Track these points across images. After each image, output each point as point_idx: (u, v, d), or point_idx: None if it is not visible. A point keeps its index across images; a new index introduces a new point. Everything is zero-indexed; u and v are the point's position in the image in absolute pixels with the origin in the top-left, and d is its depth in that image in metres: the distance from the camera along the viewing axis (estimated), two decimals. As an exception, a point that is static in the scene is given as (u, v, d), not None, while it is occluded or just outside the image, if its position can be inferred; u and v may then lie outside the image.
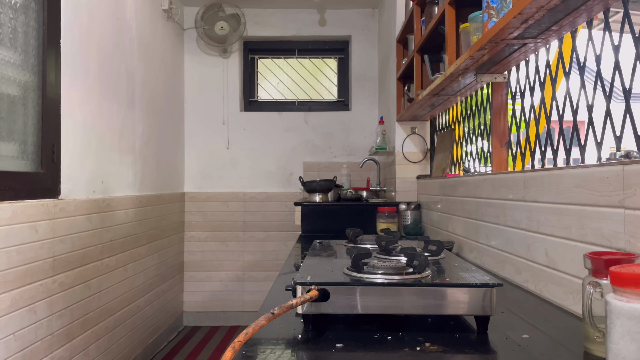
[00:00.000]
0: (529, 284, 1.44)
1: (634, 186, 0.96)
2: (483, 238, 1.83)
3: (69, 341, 2.19)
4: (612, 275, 0.67)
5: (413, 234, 2.74)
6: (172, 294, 3.79)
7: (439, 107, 2.65)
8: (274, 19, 4.19)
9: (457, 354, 0.88)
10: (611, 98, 1.26)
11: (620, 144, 1.21)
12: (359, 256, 1.07)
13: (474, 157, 2.41)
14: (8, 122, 1.90)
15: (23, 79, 1.98)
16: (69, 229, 2.20)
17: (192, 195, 4.13)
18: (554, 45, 1.52)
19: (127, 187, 2.93)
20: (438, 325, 1.04)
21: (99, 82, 2.56)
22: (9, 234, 1.78)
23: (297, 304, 0.94)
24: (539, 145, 1.67)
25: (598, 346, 0.85)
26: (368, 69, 4.19)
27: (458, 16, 1.82)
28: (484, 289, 0.97)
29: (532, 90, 1.73)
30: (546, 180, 1.32)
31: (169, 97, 3.77)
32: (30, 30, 2.02)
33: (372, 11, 4.20)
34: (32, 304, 1.92)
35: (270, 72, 4.37)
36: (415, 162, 3.16)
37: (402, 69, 2.90)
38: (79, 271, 2.29)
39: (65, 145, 2.20)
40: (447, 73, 1.86)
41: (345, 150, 4.19)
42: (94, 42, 2.50)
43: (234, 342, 0.79)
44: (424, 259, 1.05)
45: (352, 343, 0.93)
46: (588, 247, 1.11)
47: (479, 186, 1.88)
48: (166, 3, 3.54)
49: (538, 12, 1.18)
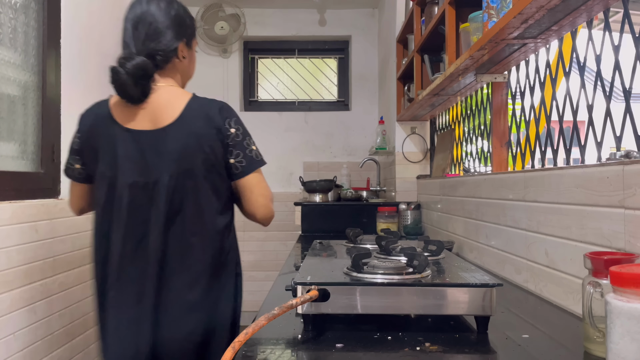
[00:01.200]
0: (529, 284, 1.44)
1: (634, 186, 0.96)
2: (483, 238, 1.83)
3: (69, 341, 2.19)
4: (612, 275, 0.67)
5: (413, 234, 2.74)
6: (172, 294, 3.78)
7: (439, 107, 2.65)
8: (274, 19, 4.19)
9: (457, 354, 0.88)
10: (611, 98, 1.26)
11: (620, 144, 1.21)
12: (359, 256, 1.07)
13: (474, 157, 2.41)
14: (8, 122, 1.90)
15: (23, 79, 1.98)
16: (69, 229, 2.20)
17: (192, 195, 4.13)
18: (554, 45, 1.52)
19: (127, 187, 2.92)
20: (438, 325, 1.04)
21: (99, 82, 2.56)
22: (9, 234, 1.78)
23: (297, 304, 0.94)
24: (539, 145, 1.67)
25: (598, 346, 0.85)
26: (368, 69, 4.19)
27: (458, 16, 1.82)
28: (484, 289, 0.97)
29: (532, 90, 1.73)
30: (546, 180, 1.32)
31: (169, 97, 3.76)
32: (30, 30, 2.02)
33: (372, 11, 4.20)
34: (32, 304, 1.92)
35: (270, 72, 4.37)
36: (415, 162, 3.16)
37: (402, 69, 2.90)
38: (79, 271, 2.29)
39: (65, 145, 2.20)
40: (447, 73, 1.86)
41: (345, 150, 4.19)
42: (94, 42, 2.50)
43: (234, 342, 0.79)
44: (424, 259, 1.05)
45: (352, 343, 0.93)
46: (588, 247, 1.11)
47: (479, 186, 1.88)
48: (166, 3, 3.54)
49: (538, 12, 1.18)
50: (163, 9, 1.42)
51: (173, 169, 1.33)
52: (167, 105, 1.37)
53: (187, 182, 1.34)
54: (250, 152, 1.41)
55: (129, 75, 1.33)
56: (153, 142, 1.35)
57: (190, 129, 1.35)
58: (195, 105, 1.39)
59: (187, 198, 1.34)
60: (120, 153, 1.36)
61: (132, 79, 1.34)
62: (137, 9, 1.43)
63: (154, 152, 1.35)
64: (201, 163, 1.35)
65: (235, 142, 1.39)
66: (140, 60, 1.35)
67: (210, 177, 1.37)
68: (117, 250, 1.34)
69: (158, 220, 1.33)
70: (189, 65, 1.51)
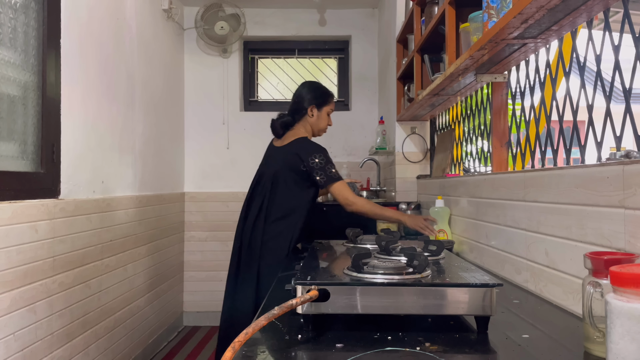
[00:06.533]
0: (529, 284, 1.44)
1: (634, 186, 0.96)
2: (483, 238, 1.83)
3: (69, 341, 2.19)
4: (612, 275, 0.67)
5: (413, 233, 2.73)
6: (172, 294, 3.79)
7: (439, 107, 2.65)
8: (274, 19, 4.19)
9: (457, 354, 0.88)
10: (611, 98, 1.26)
11: (620, 144, 1.21)
12: (359, 256, 1.07)
13: (474, 157, 2.41)
14: (8, 122, 1.90)
15: (23, 79, 1.98)
16: (69, 229, 2.20)
17: (192, 195, 4.13)
18: (554, 45, 1.52)
19: (127, 187, 2.93)
20: (438, 325, 1.04)
21: (99, 82, 2.56)
22: (9, 234, 1.78)
23: (297, 304, 0.94)
24: (539, 145, 1.67)
25: (598, 346, 0.85)
26: (368, 69, 4.19)
27: (458, 16, 1.81)
28: (484, 289, 0.97)
29: (532, 90, 1.73)
30: (546, 180, 1.32)
31: (169, 97, 3.77)
32: (30, 30, 2.02)
33: (372, 11, 4.20)
34: (32, 304, 1.92)
35: (270, 72, 4.37)
36: (415, 162, 3.16)
37: (402, 69, 2.90)
38: (79, 271, 2.29)
39: (65, 145, 2.20)
40: (447, 73, 1.86)
41: (345, 150, 4.18)
42: (93, 42, 2.50)
43: (234, 342, 0.79)
44: (424, 259, 1.05)
45: (352, 343, 0.93)
46: (588, 247, 1.11)
47: (479, 186, 1.88)
48: (166, 3, 3.54)
49: (538, 12, 1.18)
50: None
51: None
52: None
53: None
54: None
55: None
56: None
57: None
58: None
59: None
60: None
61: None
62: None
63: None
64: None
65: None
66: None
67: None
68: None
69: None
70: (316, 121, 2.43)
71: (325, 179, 2.22)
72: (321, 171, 2.22)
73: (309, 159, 2.21)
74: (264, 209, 2.24)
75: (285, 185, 2.24)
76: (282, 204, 2.23)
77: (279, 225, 2.21)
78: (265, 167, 2.35)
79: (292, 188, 2.25)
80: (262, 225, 2.22)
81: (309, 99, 2.39)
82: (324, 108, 2.42)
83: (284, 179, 2.24)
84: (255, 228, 2.24)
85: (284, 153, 2.29)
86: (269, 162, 2.37)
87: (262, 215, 2.23)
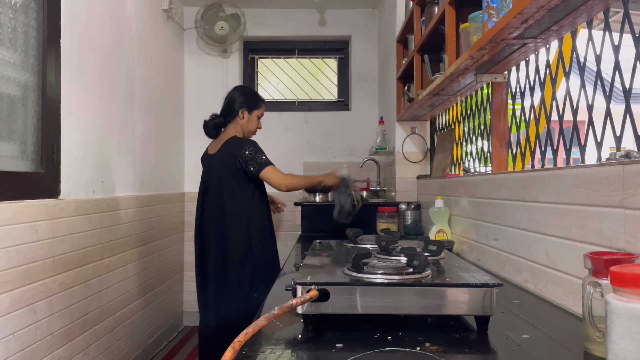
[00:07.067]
0: (529, 284, 1.44)
1: (634, 186, 0.96)
2: (483, 238, 1.83)
3: (69, 341, 2.19)
4: (612, 275, 0.67)
5: (413, 234, 2.74)
6: (172, 294, 3.79)
7: (439, 107, 2.65)
8: (274, 19, 4.19)
9: (457, 354, 0.88)
10: (611, 98, 1.26)
11: (620, 144, 1.21)
12: (359, 256, 1.07)
13: (474, 157, 2.41)
14: (8, 122, 1.90)
15: (23, 79, 1.98)
16: (69, 229, 2.20)
17: (192, 195, 4.13)
18: (554, 45, 1.52)
19: (127, 187, 2.93)
20: (438, 325, 1.04)
21: (99, 82, 2.56)
22: (9, 234, 1.78)
23: (297, 304, 0.94)
24: (539, 145, 1.67)
25: (598, 346, 0.85)
26: (368, 69, 4.18)
27: (458, 16, 1.81)
28: (484, 289, 0.97)
29: (532, 90, 1.73)
30: (546, 180, 1.32)
31: (169, 97, 3.77)
32: (30, 30, 2.02)
33: (372, 11, 4.20)
34: (32, 304, 1.92)
35: (270, 72, 4.37)
36: (415, 162, 3.16)
37: (402, 69, 2.90)
38: (79, 271, 2.29)
39: (65, 145, 2.20)
40: (447, 73, 1.86)
41: (345, 150, 4.18)
42: (93, 42, 2.50)
43: (234, 342, 0.79)
44: (424, 259, 1.05)
45: (352, 343, 0.93)
46: (588, 247, 1.11)
47: (479, 186, 1.88)
48: (166, 3, 3.54)
49: (538, 12, 1.18)
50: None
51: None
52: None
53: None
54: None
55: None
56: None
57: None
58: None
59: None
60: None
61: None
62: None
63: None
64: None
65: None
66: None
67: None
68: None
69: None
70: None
71: (257, 167, 2.35)
72: (252, 161, 2.35)
73: (240, 154, 2.36)
74: (219, 221, 2.41)
75: (232, 194, 2.40)
76: (236, 216, 2.39)
77: (238, 236, 2.40)
78: (209, 176, 2.48)
79: (241, 198, 2.40)
80: (220, 236, 2.40)
81: (240, 102, 2.52)
82: (254, 111, 2.55)
83: (229, 187, 2.39)
84: (213, 235, 2.42)
85: (220, 156, 2.42)
86: (210, 170, 2.48)
87: (220, 226, 2.41)
